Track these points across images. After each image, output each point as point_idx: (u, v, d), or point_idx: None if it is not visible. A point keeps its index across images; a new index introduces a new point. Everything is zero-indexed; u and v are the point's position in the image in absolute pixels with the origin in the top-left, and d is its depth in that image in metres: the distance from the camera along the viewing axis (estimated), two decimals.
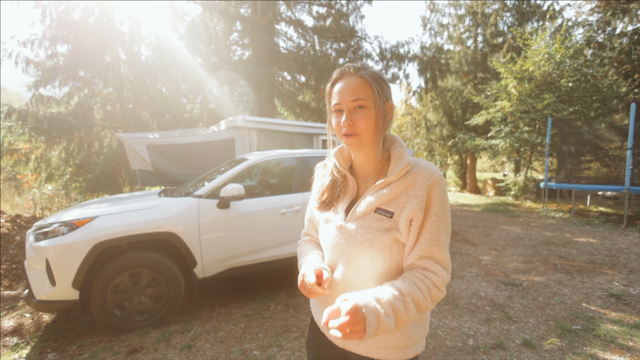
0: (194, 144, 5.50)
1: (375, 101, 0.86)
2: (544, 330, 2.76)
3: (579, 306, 3.20)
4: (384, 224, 0.84)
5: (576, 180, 8.53)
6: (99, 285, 2.62)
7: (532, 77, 10.37)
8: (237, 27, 9.48)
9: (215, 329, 2.82)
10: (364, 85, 0.85)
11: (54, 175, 7.68)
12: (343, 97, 0.86)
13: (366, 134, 0.86)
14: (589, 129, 8.71)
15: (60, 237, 2.60)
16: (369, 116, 0.85)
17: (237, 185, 3.07)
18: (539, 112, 10.26)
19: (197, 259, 2.99)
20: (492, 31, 15.79)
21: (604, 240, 5.81)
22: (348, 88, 0.85)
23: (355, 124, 0.85)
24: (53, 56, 7.52)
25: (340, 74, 0.89)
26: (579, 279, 3.92)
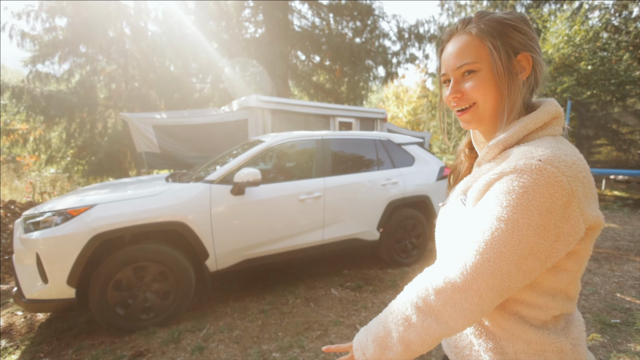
0: (205, 124, 5.14)
1: (493, 60, 0.64)
2: None
3: (613, 297, 3.05)
4: (458, 212, 0.70)
5: (592, 164, 8.55)
6: (98, 281, 2.29)
7: (550, 60, 10.12)
8: (250, 4, 8.98)
9: (230, 327, 2.54)
10: (473, 43, 0.65)
11: (54, 158, 7.31)
12: (448, 64, 0.69)
13: (484, 103, 0.66)
14: (604, 113, 8.70)
15: (53, 227, 2.26)
16: (482, 81, 0.65)
17: (252, 170, 2.72)
18: (557, 95, 10.03)
19: (209, 250, 2.67)
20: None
21: (625, 225, 5.66)
22: (453, 52, 0.68)
23: (465, 94, 0.67)
24: (51, 29, 7.08)
25: (449, 35, 0.71)
26: (608, 266, 3.77)
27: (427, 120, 19.63)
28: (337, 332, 2.46)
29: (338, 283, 3.37)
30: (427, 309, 0.61)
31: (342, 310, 2.79)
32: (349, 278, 3.49)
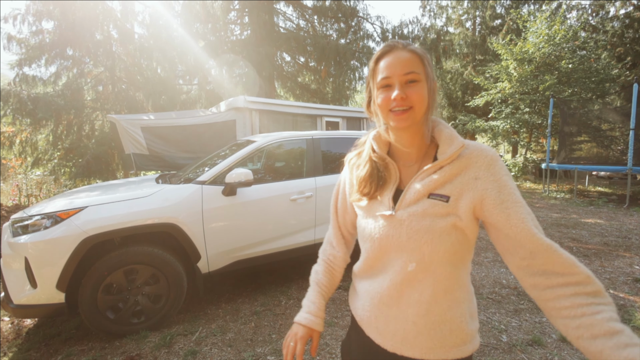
0: (193, 125, 5.11)
1: (427, 77, 0.80)
2: None
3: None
4: (439, 209, 0.77)
5: (574, 161, 8.69)
6: (88, 285, 2.27)
7: (532, 59, 10.36)
8: (235, 6, 8.96)
9: (223, 329, 2.53)
10: (416, 60, 0.79)
11: (41, 160, 7.20)
12: (393, 70, 0.79)
13: (419, 108, 0.79)
14: (585, 110, 8.89)
15: (42, 231, 2.23)
16: (422, 91, 0.79)
17: (244, 170, 2.73)
18: (540, 93, 10.30)
19: (201, 252, 2.66)
20: (491, 13, 15.83)
21: (611, 221, 5.77)
22: (400, 61, 0.79)
23: (409, 97, 0.78)
24: (38, 32, 6.97)
25: (388, 48, 0.82)
26: (598, 262, 3.81)
27: None
28: (331, 334, 2.46)
29: None
30: None
31: (336, 311, 2.80)
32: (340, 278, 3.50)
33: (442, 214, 0.77)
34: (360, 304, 0.92)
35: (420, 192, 0.80)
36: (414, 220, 0.79)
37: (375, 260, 0.87)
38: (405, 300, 0.81)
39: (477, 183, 0.76)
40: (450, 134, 0.83)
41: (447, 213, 0.77)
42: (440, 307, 0.80)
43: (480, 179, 0.76)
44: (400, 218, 0.81)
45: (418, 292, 0.80)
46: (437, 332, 0.80)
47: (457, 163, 0.79)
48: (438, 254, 0.77)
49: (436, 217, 0.77)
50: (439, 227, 0.76)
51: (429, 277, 0.79)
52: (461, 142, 0.80)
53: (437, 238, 0.76)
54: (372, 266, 0.90)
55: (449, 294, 0.81)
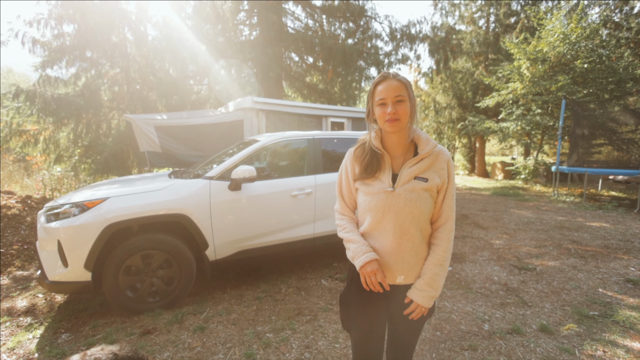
0: (203, 125, 5.42)
1: (410, 98, 1.23)
2: (560, 315, 2.72)
3: (595, 292, 3.15)
4: (422, 186, 1.22)
5: (588, 164, 8.38)
6: (111, 266, 2.60)
7: (545, 58, 10.08)
8: (244, 7, 9.22)
9: (228, 311, 2.82)
10: (402, 87, 1.21)
11: (62, 157, 7.67)
12: (387, 93, 1.20)
13: (404, 119, 1.22)
14: (602, 111, 8.53)
15: (71, 218, 2.57)
16: (406, 108, 1.21)
17: (248, 167, 3.01)
18: (552, 94, 10.02)
19: (209, 241, 2.96)
20: (506, 10, 15.28)
21: (617, 225, 5.73)
22: (391, 88, 1.20)
23: (397, 112, 1.19)
24: (59, 36, 7.38)
25: (383, 78, 1.23)
26: (594, 264, 3.87)
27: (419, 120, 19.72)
28: (325, 317, 2.70)
29: (328, 274, 3.62)
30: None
31: (331, 299, 3.04)
32: (338, 270, 3.74)
33: (424, 189, 1.23)
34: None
35: (410, 175, 1.24)
36: (407, 193, 1.22)
37: (378, 223, 1.27)
38: (403, 247, 1.24)
39: (442, 172, 1.25)
40: (426, 138, 1.30)
41: (427, 188, 1.23)
42: (422, 248, 1.28)
43: (444, 170, 1.26)
44: (398, 192, 1.23)
45: (411, 241, 1.25)
46: (419, 264, 1.28)
47: (431, 157, 1.26)
48: (423, 214, 1.24)
49: (421, 191, 1.22)
50: (422, 197, 1.23)
51: (417, 230, 1.25)
52: (435, 144, 1.28)
53: (422, 204, 1.23)
54: (375, 227, 1.28)
55: (426, 240, 1.29)
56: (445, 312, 2.79)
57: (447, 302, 2.96)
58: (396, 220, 1.23)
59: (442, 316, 2.72)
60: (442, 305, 2.90)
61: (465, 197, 9.53)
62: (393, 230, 1.24)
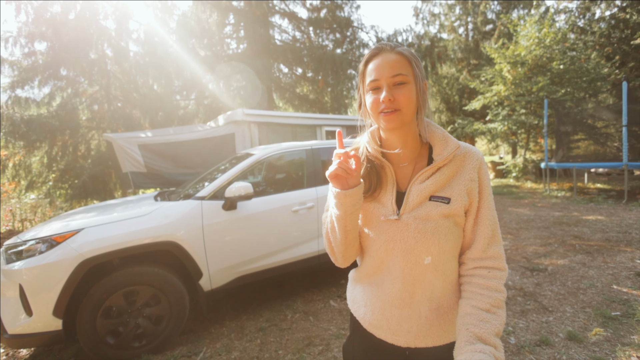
0: (191, 141, 5.07)
1: (416, 78, 0.82)
2: (584, 319, 2.59)
3: (610, 289, 3.07)
4: (442, 210, 0.81)
5: (573, 159, 8.75)
6: (86, 310, 2.18)
7: (524, 61, 10.53)
8: (231, 20, 9.04)
9: (228, 348, 2.44)
10: (404, 61, 0.81)
11: (35, 183, 7.08)
12: (382, 72, 0.80)
13: (407, 110, 0.80)
14: (580, 109, 9.05)
15: (37, 256, 2.15)
16: (410, 92, 0.80)
17: (244, 184, 2.67)
18: (534, 94, 10.43)
19: (203, 269, 2.57)
20: (482, 19, 16.17)
21: (611, 217, 5.77)
22: (387, 63, 0.80)
23: (396, 99, 0.79)
24: (30, 54, 6.95)
25: (377, 51, 0.83)
26: (601, 259, 3.80)
27: None
28: (339, 346, 2.39)
29: (336, 294, 3.30)
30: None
31: (343, 322, 2.72)
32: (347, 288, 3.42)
33: (444, 215, 0.81)
34: (369, 309, 0.93)
35: (422, 195, 0.83)
36: (420, 223, 0.82)
37: (380, 263, 0.88)
38: (418, 299, 0.85)
39: (472, 185, 0.83)
40: (443, 135, 0.87)
41: (449, 214, 0.81)
42: (448, 300, 0.86)
43: (474, 181, 0.83)
44: (406, 222, 0.83)
45: (429, 291, 0.84)
46: (446, 321, 0.86)
47: (452, 164, 0.84)
48: (445, 252, 0.82)
49: (440, 219, 0.81)
50: (444, 228, 0.81)
51: (438, 275, 0.84)
52: (456, 144, 0.85)
53: (443, 238, 0.81)
54: (377, 269, 0.90)
55: (455, 286, 0.87)
56: None
57: None
58: (405, 262, 0.83)
59: None
60: None
61: None
62: (402, 276, 0.84)
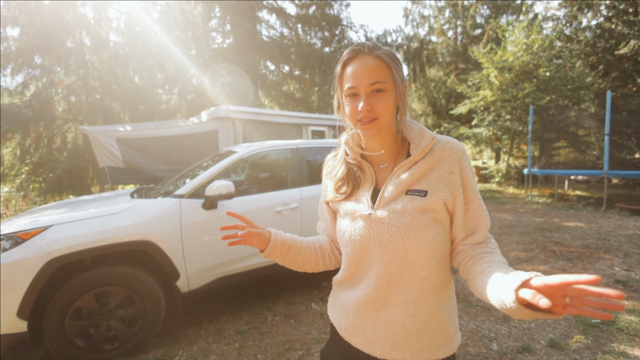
0: (173, 136, 4.92)
1: (395, 83, 0.79)
2: (565, 326, 2.61)
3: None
4: (418, 204, 0.77)
5: (554, 166, 8.89)
6: (54, 311, 2.07)
7: (511, 67, 10.66)
8: (216, 13, 8.84)
9: (205, 351, 2.37)
10: (382, 67, 0.77)
11: (7, 176, 6.77)
12: (359, 80, 0.77)
13: (385, 117, 0.79)
14: (563, 117, 9.20)
15: (0, 254, 2.03)
16: (388, 100, 0.78)
17: (225, 182, 2.59)
18: (520, 100, 10.56)
19: (180, 270, 2.49)
20: (471, 23, 16.23)
21: (591, 224, 5.87)
22: (365, 70, 0.77)
23: (374, 108, 0.77)
24: (2, 40, 6.60)
25: (354, 54, 0.79)
26: (581, 265, 3.84)
27: None
28: (320, 351, 2.34)
29: (318, 297, 3.26)
30: None
31: (325, 326, 2.69)
32: (329, 291, 3.38)
33: (421, 209, 0.77)
34: (345, 313, 0.89)
35: (398, 189, 0.81)
36: (394, 217, 0.78)
37: (357, 264, 0.85)
38: (393, 301, 0.80)
39: (452, 177, 0.80)
40: (420, 130, 0.85)
41: (426, 208, 0.77)
42: (427, 306, 0.79)
43: (454, 173, 0.80)
44: (380, 217, 0.80)
45: (405, 293, 0.79)
46: (426, 332, 0.79)
47: (430, 157, 0.81)
48: (421, 249, 0.76)
49: (416, 213, 0.77)
50: (419, 223, 0.76)
51: (414, 275, 0.78)
52: (431, 136, 0.82)
53: (418, 233, 0.76)
54: (354, 271, 0.87)
55: (435, 292, 0.80)
56: None
57: None
58: (380, 260, 0.79)
59: None
60: None
61: None
62: (376, 275, 0.80)
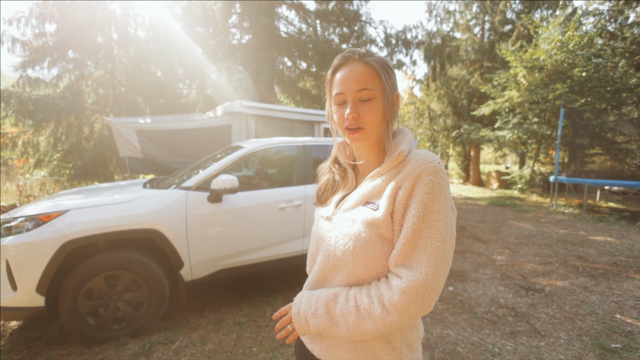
0: (188, 130, 5.11)
1: (384, 91, 0.77)
2: (579, 348, 2.42)
3: (612, 318, 2.85)
4: (367, 216, 0.75)
5: (586, 175, 8.18)
6: (69, 289, 2.27)
7: (542, 66, 9.94)
8: (237, 10, 9.00)
9: (203, 339, 2.50)
10: (371, 74, 0.76)
11: (42, 161, 7.30)
12: (347, 86, 0.77)
13: (372, 127, 0.78)
14: (599, 121, 8.41)
15: (24, 233, 2.24)
16: (376, 108, 0.77)
17: (230, 177, 2.71)
18: (550, 102, 9.89)
19: (184, 259, 2.64)
20: (501, 18, 15.36)
21: (622, 239, 5.47)
22: (353, 76, 0.76)
23: (361, 116, 0.76)
24: (41, 35, 7.05)
25: (344, 60, 0.79)
26: (606, 284, 3.60)
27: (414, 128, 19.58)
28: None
29: None
30: (391, 306, 0.68)
31: None
32: None
33: (369, 223, 0.74)
34: None
35: (359, 199, 0.79)
36: (344, 225, 0.78)
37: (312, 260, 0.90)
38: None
39: (400, 193, 0.72)
40: (398, 142, 0.81)
41: (374, 222, 0.73)
42: None
43: (402, 190, 0.72)
44: (335, 222, 0.81)
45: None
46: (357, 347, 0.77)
47: (395, 171, 0.77)
48: (360, 264, 0.74)
49: (363, 226, 0.74)
50: (362, 237, 0.74)
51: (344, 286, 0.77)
52: (400, 150, 0.77)
53: (359, 248, 0.74)
54: (311, 266, 0.91)
55: None
56: (449, 342, 2.49)
57: (451, 330, 2.66)
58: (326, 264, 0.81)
59: (446, 348, 2.41)
60: (445, 334, 2.60)
61: (461, 207, 9.30)
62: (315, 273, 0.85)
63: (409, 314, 0.67)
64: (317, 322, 0.76)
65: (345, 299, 0.73)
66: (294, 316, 0.81)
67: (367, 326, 0.70)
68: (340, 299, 0.74)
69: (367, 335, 0.71)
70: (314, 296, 0.79)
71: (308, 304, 0.79)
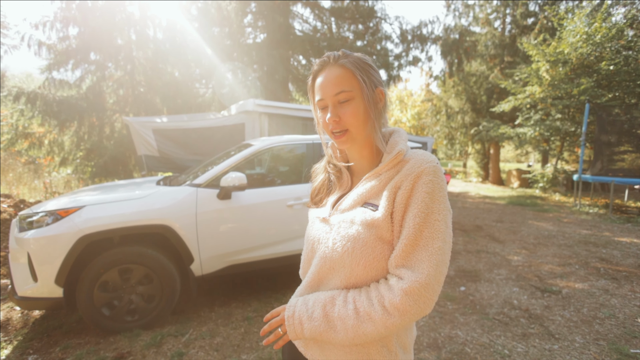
0: (203, 128, 5.23)
1: (362, 90, 0.76)
2: (595, 352, 2.33)
3: (633, 322, 2.73)
4: (367, 217, 0.74)
5: (613, 173, 7.78)
6: (85, 282, 2.38)
7: (567, 60, 9.49)
8: (252, 9, 9.09)
9: (212, 333, 2.57)
10: (346, 75, 0.76)
11: (67, 159, 7.65)
12: (325, 91, 0.77)
13: (355, 128, 0.77)
14: (629, 117, 7.98)
15: (43, 227, 2.36)
16: (356, 108, 0.76)
17: (238, 174, 2.76)
18: (574, 98, 9.44)
19: (194, 255, 2.71)
20: (523, 11, 14.76)
21: None
22: (330, 80, 0.77)
23: (342, 119, 0.77)
24: (65, 38, 7.37)
25: (321, 66, 0.80)
26: (629, 287, 3.45)
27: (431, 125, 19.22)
28: None
29: None
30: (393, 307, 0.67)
31: None
32: None
33: (368, 224, 0.73)
34: None
35: (356, 200, 0.79)
36: (342, 226, 0.77)
37: (307, 261, 0.88)
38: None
39: (400, 193, 0.72)
40: (395, 142, 0.80)
41: (373, 223, 0.72)
42: None
43: (402, 189, 0.72)
44: (332, 223, 0.80)
45: None
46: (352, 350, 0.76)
47: (394, 171, 0.76)
48: (359, 266, 0.73)
49: (362, 227, 0.73)
50: (362, 238, 0.73)
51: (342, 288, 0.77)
52: (398, 149, 0.77)
53: (358, 249, 0.73)
54: (306, 268, 0.89)
55: None
56: (457, 343, 2.45)
57: (460, 330, 2.62)
58: (322, 267, 0.80)
59: (453, 349, 2.38)
60: (453, 335, 2.56)
61: (479, 206, 9.09)
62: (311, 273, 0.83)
63: (410, 315, 0.67)
64: (312, 325, 0.74)
65: (343, 301, 0.72)
66: (287, 319, 0.78)
67: (367, 329, 0.69)
68: (338, 302, 0.73)
69: (366, 338, 0.70)
70: (310, 299, 0.78)
71: (304, 306, 0.77)
